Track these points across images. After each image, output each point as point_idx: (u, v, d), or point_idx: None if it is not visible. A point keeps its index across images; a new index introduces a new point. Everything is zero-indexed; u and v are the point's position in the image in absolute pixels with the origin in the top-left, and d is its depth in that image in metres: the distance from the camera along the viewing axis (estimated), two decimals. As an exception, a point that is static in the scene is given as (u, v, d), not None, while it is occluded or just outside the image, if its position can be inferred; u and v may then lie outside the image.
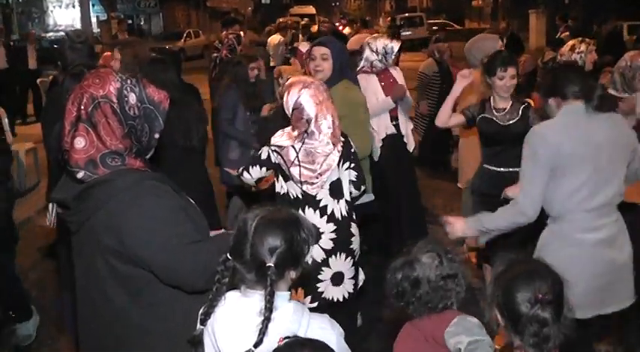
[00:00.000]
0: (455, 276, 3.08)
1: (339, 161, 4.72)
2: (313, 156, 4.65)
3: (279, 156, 4.69)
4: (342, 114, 5.43)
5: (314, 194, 4.71)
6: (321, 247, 4.75)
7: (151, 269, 2.83)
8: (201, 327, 2.74)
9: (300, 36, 18.39)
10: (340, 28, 38.43)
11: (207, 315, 2.72)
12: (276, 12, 57.47)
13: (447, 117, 5.87)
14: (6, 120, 12.07)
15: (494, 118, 5.66)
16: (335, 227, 4.79)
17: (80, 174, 2.80)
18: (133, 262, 2.82)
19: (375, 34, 8.34)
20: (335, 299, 4.85)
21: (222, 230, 3.45)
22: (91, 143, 2.80)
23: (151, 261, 2.81)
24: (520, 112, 5.62)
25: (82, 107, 2.79)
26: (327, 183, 4.73)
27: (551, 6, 33.87)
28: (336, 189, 4.80)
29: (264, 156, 4.77)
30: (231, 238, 2.74)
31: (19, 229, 7.48)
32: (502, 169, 5.64)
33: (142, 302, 2.92)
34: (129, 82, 2.90)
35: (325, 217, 4.77)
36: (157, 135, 2.98)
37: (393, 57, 7.13)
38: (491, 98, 5.78)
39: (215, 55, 10.37)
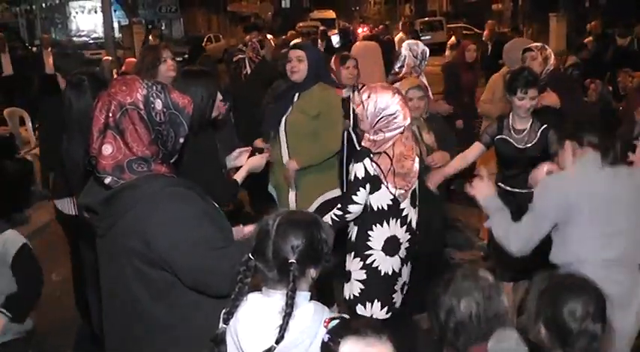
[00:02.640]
0: (498, 316, 2.94)
1: None
2: (403, 163, 4.64)
3: (377, 166, 4.59)
4: (317, 114, 5.68)
5: (402, 202, 4.71)
6: (400, 257, 4.77)
7: (176, 273, 2.88)
8: (224, 326, 2.77)
9: (320, 41, 18.46)
10: (365, 30, 38.41)
11: (229, 315, 2.76)
12: (297, 16, 57.36)
13: (460, 166, 5.83)
14: (30, 124, 12.25)
15: (512, 140, 5.57)
16: (410, 236, 4.81)
17: (107, 180, 2.86)
18: (158, 265, 2.87)
19: (411, 40, 8.36)
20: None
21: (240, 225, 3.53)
22: (118, 149, 2.85)
23: (175, 265, 2.85)
24: (539, 134, 5.50)
25: (110, 114, 2.83)
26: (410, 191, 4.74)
27: (572, 10, 33.70)
28: (414, 197, 4.82)
29: (361, 174, 4.57)
30: (252, 239, 2.79)
31: (39, 233, 7.58)
32: (517, 190, 5.56)
33: (166, 304, 2.96)
34: (154, 88, 2.94)
35: (405, 226, 4.76)
36: (181, 140, 3.03)
37: (426, 62, 7.27)
38: (510, 116, 5.68)
39: (241, 56, 10.47)
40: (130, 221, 2.85)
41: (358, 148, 4.85)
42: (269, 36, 16.67)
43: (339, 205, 4.69)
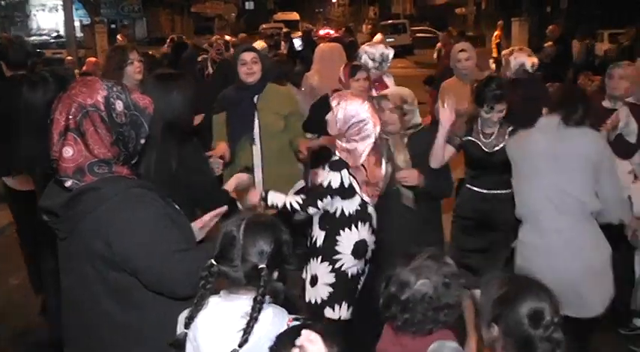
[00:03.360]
0: (449, 307, 2.96)
1: None
2: (375, 173, 4.77)
3: (353, 179, 4.68)
4: (288, 113, 5.92)
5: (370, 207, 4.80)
6: (365, 259, 4.84)
7: (137, 276, 2.86)
8: (184, 331, 2.77)
9: (283, 43, 18.47)
10: (327, 31, 38.49)
11: (190, 319, 2.76)
12: (260, 18, 57.46)
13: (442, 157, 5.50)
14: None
15: (480, 144, 5.54)
16: (374, 239, 4.88)
17: (68, 183, 2.83)
18: (119, 267, 2.84)
19: (372, 41, 8.38)
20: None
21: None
22: (79, 152, 2.82)
23: (137, 267, 2.83)
24: (507, 137, 5.44)
25: (71, 116, 2.80)
26: None
27: (534, 14, 34.04)
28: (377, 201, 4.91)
29: (336, 184, 4.63)
30: (216, 244, 2.78)
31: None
32: (485, 191, 5.57)
33: (129, 307, 2.94)
34: (115, 89, 2.91)
35: (371, 229, 4.84)
36: (142, 141, 3.00)
37: (389, 64, 7.18)
38: (479, 120, 5.66)
39: (204, 56, 10.42)
40: (92, 223, 2.82)
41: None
42: (227, 37, 16.65)
43: (301, 200, 4.73)
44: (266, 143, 5.97)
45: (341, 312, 4.78)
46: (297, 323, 2.62)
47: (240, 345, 2.60)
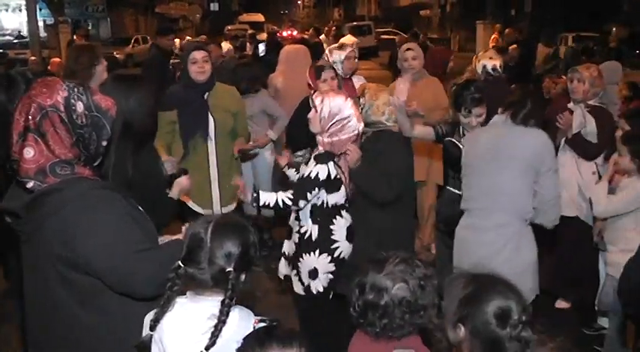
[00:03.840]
0: (425, 308, 2.93)
1: None
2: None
3: (339, 169, 4.76)
4: (236, 111, 6.07)
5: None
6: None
7: (100, 277, 2.83)
8: (150, 333, 2.75)
9: (248, 44, 18.44)
10: (290, 33, 38.54)
11: (156, 321, 2.74)
12: (225, 19, 57.29)
13: (409, 129, 5.55)
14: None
15: (461, 146, 5.43)
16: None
17: (30, 184, 2.80)
18: (82, 269, 2.82)
19: (333, 44, 8.36)
20: None
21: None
22: (40, 153, 2.79)
23: (100, 268, 2.80)
24: None
25: (30, 117, 2.77)
26: None
27: (499, 17, 34.31)
28: None
29: (323, 176, 4.69)
30: (183, 245, 2.77)
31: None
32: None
33: (92, 309, 2.91)
34: (76, 90, 2.88)
35: (348, 221, 4.93)
36: (104, 143, 2.97)
37: (341, 66, 7.13)
38: (461, 128, 5.67)
39: (177, 61, 10.34)
40: (54, 225, 2.80)
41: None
42: (188, 38, 16.58)
43: (290, 195, 4.72)
44: (220, 140, 6.02)
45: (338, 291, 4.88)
46: (264, 324, 2.60)
47: (208, 348, 2.59)
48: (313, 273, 4.82)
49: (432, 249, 7.21)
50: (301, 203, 4.71)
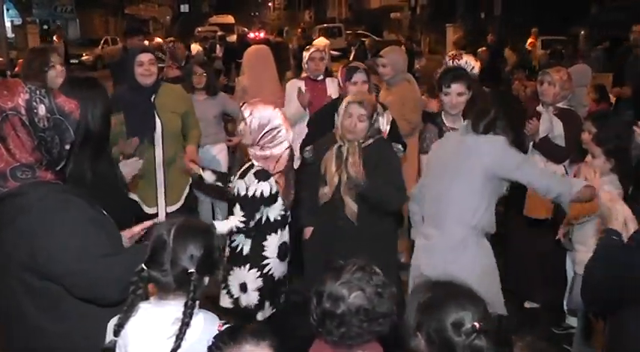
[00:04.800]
0: (384, 316, 2.91)
1: None
2: (290, 178, 4.87)
3: (277, 185, 4.75)
4: (184, 111, 6.12)
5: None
6: (287, 260, 4.96)
7: (63, 283, 2.80)
8: (114, 339, 2.74)
9: (218, 46, 18.42)
10: (257, 34, 38.48)
11: (120, 327, 2.72)
12: (195, 21, 57.08)
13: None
14: None
15: None
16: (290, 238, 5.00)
17: None
18: (45, 276, 2.78)
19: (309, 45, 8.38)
20: None
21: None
22: (0, 157, 2.76)
23: (62, 274, 2.77)
24: None
25: None
26: None
27: (468, 21, 34.50)
28: None
29: (267, 193, 4.68)
30: (147, 248, 2.75)
31: None
32: None
33: (56, 317, 2.89)
34: (38, 92, 2.83)
35: (288, 230, 4.96)
36: (67, 146, 2.93)
37: (306, 66, 7.18)
38: (443, 116, 5.70)
39: (161, 64, 10.25)
40: (16, 230, 2.76)
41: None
42: (159, 39, 16.53)
43: (241, 218, 4.68)
44: (167, 142, 6.01)
45: (266, 312, 4.87)
46: (229, 325, 2.62)
47: (173, 351, 2.59)
48: (243, 288, 4.83)
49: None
50: (251, 223, 4.70)
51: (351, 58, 17.28)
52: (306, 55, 7.25)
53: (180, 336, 2.58)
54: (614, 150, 5.06)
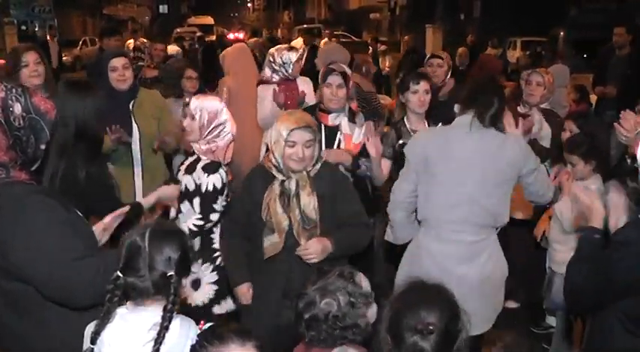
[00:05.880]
0: (357, 326, 2.91)
1: None
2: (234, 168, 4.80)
3: (225, 175, 4.63)
4: (160, 115, 6.01)
5: None
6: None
7: (35, 285, 2.77)
8: (91, 346, 2.70)
9: (197, 46, 18.38)
10: (240, 36, 38.48)
11: (96, 334, 2.69)
12: (174, 22, 57.00)
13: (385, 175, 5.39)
14: None
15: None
16: None
17: None
18: (16, 278, 2.75)
19: (279, 46, 8.30)
20: None
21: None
22: (-27, 155, 2.72)
23: (34, 276, 2.74)
24: None
25: None
26: None
27: (447, 21, 34.60)
28: None
29: (219, 185, 4.56)
30: (120, 254, 2.73)
31: None
32: None
33: (30, 320, 2.87)
34: (14, 91, 2.82)
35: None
36: (43, 146, 2.91)
37: (292, 67, 7.07)
38: (405, 120, 5.58)
39: (140, 63, 10.18)
40: (-14, 230, 2.73)
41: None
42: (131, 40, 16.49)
43: (198, 215, 4.59)
44: (146, 148, 5.93)
45: (227, 306, 4.76)
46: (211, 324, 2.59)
47: None
48: (195, 284, 4.71)
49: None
50: (212, 216, 4.58)
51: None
52: (293, 55, 7.13)
53: (159, 340, 2.56)
54: (587, 152, 5.06)
